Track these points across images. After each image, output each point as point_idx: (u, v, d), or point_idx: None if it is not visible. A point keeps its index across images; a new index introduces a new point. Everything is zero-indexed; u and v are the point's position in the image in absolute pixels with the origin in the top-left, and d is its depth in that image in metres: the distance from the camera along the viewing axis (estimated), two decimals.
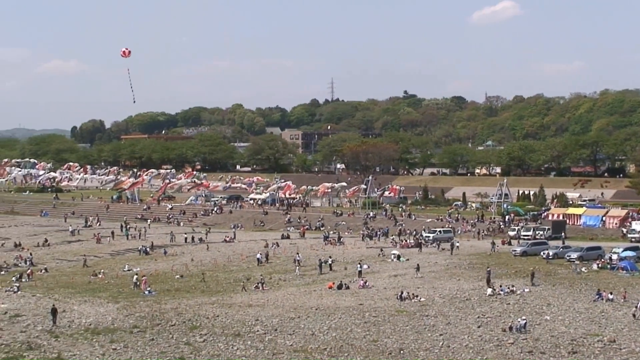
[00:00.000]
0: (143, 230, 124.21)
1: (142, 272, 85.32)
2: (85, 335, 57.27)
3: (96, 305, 68.39)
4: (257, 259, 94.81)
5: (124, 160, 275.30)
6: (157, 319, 61.40)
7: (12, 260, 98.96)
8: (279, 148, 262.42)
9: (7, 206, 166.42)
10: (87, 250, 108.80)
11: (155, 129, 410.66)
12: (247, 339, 55.12)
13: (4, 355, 52.52)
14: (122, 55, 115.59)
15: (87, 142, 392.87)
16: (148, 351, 52.96)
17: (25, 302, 70.35)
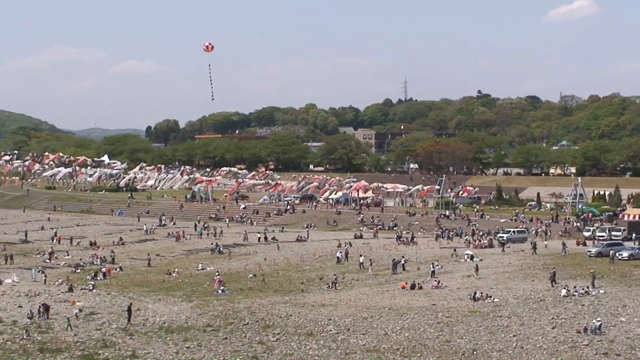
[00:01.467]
0: (219, 229, 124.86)
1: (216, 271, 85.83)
2: (159, 333, 57.78)
3: (170, 303, 68.93)
4: (337, 258, 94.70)
5: (198, 159, 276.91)
6: (230, 317, 61.70)
7: (88, 258, 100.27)
8: (352, 148, 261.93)
9: (83, 205, 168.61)
10: (161, 249, 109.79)
11: (228, 129, 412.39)
12: (320, 338, 55.18)
13: (79, 352, 53.21)
14: (204, 50, 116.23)
15: (162, 142, 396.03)
16: (221, 350, 53.26)
17: (100, 300, 71.13)
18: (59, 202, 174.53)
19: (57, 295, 73.59)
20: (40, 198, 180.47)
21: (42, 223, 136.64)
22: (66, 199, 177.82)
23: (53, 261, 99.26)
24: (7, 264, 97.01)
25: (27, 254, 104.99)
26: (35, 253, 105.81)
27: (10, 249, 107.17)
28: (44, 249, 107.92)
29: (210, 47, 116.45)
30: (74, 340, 56.36)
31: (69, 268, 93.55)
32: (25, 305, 68.98)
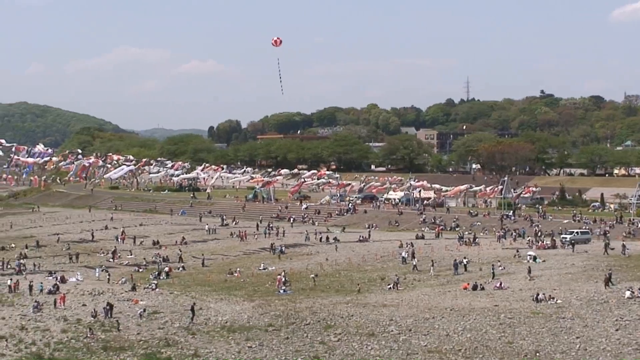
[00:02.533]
0: (282, 229, 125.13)
1: (277, 271, 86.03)
2: (222, 332, 58.09)
3: (232, 303, 69.23)
4: (402, 257, 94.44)
5: (260, 160, 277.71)
6: (292, 317, 61.80)
7: (151, 257, 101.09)
8: (414, 148, 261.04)
9: (146, 205, 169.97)
10: (223, 249, 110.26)
11: (290, 129, 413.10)
12: (382, 338, 55.12)
13: (142, 351, 53.69)
14: (273, 44, 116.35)
15: (224, 142, 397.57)
16: (283, 349, 53.43)
17: (163, 300, 71.65)
18: (122, 201, 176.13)
19: (121, 294, 74.29)
20: (104, 198, 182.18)
21: (106, 222, 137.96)
22: (129, 199, 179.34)
23: (116, 260, 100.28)
24: (72, 263, 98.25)
25: (91, 253, 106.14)
26: (99, 252, 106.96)
27: (75, 248, 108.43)
28: (107, 248, 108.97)
29: (278, 41, 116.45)
30: (137, 338, 56.93)
31: (132, 267, 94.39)
32: (89, 303, 69.75)
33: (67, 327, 61.04)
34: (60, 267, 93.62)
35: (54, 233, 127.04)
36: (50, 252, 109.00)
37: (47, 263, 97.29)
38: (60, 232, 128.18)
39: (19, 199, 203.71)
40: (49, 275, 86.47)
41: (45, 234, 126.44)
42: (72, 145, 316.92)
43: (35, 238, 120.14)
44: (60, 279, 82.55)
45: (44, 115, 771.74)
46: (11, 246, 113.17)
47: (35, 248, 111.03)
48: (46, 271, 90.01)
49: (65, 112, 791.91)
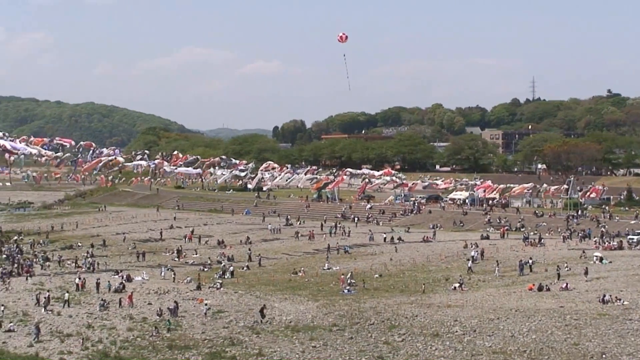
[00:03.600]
0: (347, 229, 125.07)
1: (342, 271, 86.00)
2: (286, 332, 58.21)
3: (296, 302, 69.39)
4: (472, 257, 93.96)
5: (324, 159, 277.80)
6: (356, 317, 61.81)
7: (216, 257, 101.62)
8: (478, 148, 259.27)
9: (211, 205, 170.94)
10: (288, 248, 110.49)
11: (355, 129, 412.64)
12: (446, 339, 54.85)
13: (207, 350, 53.96)
14: (338, 40, 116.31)
15: (288, 142, 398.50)
16: (347, 349, 53.37)
17: (227, 299, 72.06)
18: (187, 201, 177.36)
19: (186, 293, 74.91)
20: (170, 197, 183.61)
21: (171, 222, 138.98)
22: (194, 199, 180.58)
23: (181, 259, 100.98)
24: (138, 262, 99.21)
25: (156, 252, 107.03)
26: (165, 251, 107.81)
27: (141, 247, 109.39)
28: (173, 247, 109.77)
29: (344, 37, 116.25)
30: (201, 337, 57.26)
31: (197, 266, 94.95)
32: (154, 302, 70.39)
33: (133, 325, 61.65)
34: (126, 266, 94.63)
35: (119, 232, 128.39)
36: (116, 251, 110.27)
37: (113, 262, 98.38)
38: (126, 231, 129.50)
39: (86, 198, 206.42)
40: (115, 274, 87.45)
41: (111, 233, 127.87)
42: (138, 145, 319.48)
43: (102, 237, 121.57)
44: (126, 278, 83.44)
45: (111, 116, 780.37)
46: (78, 245, 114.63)
47: (101, 247, 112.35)
48: (112, 270, 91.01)
49: (131, 112, 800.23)
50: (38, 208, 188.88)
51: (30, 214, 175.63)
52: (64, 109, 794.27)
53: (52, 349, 55.74)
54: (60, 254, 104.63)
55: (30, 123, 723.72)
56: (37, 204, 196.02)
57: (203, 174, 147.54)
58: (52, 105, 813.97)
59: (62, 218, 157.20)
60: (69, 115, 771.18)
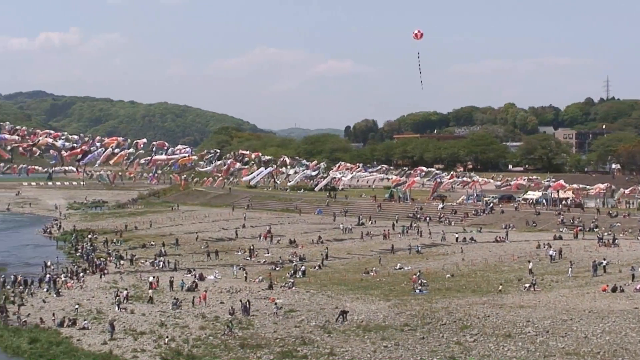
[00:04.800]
0: (420, 229, 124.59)
1: (414, 271, 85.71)
2: (357, 332, 58.28)
3: (368, 302, 69.40)
4: (550, 256, 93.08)
5: (396, 159, 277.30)
6: (427, 317, 61.65)
7: (288, 256, 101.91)
8: (551, 148, 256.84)
9: (283, 204, 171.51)
10: (359, 248, 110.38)
11: (427, 129, 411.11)
12: (518, 340, 54.49)
13: (279, 349, 54.19)
14: (413, 37, 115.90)
15: (360, 142, 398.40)
16: (419, 349, 53.28)
17: (299, 298, 72.33)
18: (259, 200, 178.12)
19: (257, 292, 75.31)
20: (242, 197, 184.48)
21: (244, 221, 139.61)
22: (266, 198, 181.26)
23: (253, 259, 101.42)
24: (211, 261, 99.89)
25: (228, 251, 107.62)
26: (237, 250, 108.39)
27: (213, 246, 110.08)
28: (245, 246, 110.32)
29: (419, 34, 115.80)
30: (273, 336, 57.55)
31: (269, 266, 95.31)
32: (226, 301, 70.89)
33: (205, 324, 62.18)
34: (199, 265, 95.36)
35: (192, 231, 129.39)
36: (189, 250, 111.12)
37: (186, 261, 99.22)
38: (198, 230, 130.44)
39: (159, 197, 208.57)
40: (187, 272, 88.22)
41: (184, 232, 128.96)
42: (211, 144, 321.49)
43: (175, 236, 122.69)
44: (198, 277, 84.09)
45: (184, 115, 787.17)
46: (151, 244, 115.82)
47: (174, 246, 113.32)
48: (185, 269, 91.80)
49: (204, 112, 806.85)
50: (112, 207, 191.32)
51: (105, 213, 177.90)
52: (138, 109, 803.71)
53: (126, 346, 56.45)
54: (134, 253, 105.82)
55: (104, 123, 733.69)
56: (111, 203, 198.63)
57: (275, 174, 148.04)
58: (126, 105, 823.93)
59: (135, 217, 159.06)
60: (143, 115, 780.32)
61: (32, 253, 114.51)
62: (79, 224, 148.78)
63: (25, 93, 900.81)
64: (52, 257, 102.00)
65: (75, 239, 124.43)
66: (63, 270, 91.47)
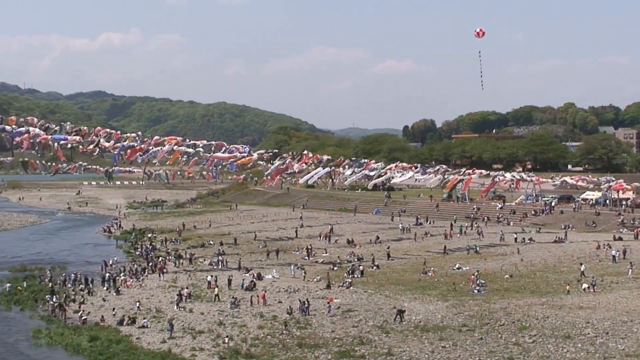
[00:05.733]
0: (480, 229, 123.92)
1: (472, 271, 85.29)
2: (415, 332, 58.20)
3: (426, 302, 69.27)
4: (613, 257, 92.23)
5: (455, 159, 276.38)
6: (486, 318, 61.42)
7: (345, 256, 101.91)
8: (612, 147, 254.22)
9: (340, 204, 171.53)
10: (417, 247, 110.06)
11: (485, 128, 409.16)
12: (578, 341, 54.10)
13: (336, 349, 54.30)
14: (475, 36, 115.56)
15: (418, 142, 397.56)
16: (477, 350, 53.09)
17: (357, 298, 72.40)
18: (316, 200, 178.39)
19: (315, 292, 75.44)
20: (300, 196, 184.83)
21: (302, 221, 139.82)
22: (324, 198, 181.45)
23: (311, 258, 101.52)
24: (269, 260, 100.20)
25: (286, 251, 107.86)
26: (295, 250, 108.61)
27: (271, 246, 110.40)
28: (303, 245, 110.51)
29: (481, 32, 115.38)
30: (331, 336, 57.65)
31: (326, 265, 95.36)
32: (284, 300, 71.13)
33: (264, 323, 62.47)
34: (257, 264, 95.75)
35: (250, 231, 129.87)
36: (247, 249, 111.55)
37: (244, 260, 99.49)
38: (256, 229, 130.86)
39: (218, 197, 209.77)
40: (245, 272, 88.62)
41: (242, 232, 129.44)
42: (269, 144, 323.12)
43: (233, 235, 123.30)
44: (256, 276, 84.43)
45: (242, 115, 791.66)
46: (209, 243, 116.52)
47: (232, 245, 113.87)
48: (243, 268, 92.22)
49: (262, 112, 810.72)
50: (171, 206, 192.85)
51: (164, 212, 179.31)
52: (197, 109, 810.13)
53: (184, 345, 56.94)
54: (193, 252, 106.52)
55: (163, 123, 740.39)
56: (170, 203, 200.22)
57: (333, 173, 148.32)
58: (185, 105, 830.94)
59: (194, 216, 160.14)
60: (202, 114, 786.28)
61: (92, 252, 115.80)
62: (138, 223, 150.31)
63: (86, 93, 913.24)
64: (112, 256, 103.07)
65: (135, 238, 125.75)
66: (122, 269, 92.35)
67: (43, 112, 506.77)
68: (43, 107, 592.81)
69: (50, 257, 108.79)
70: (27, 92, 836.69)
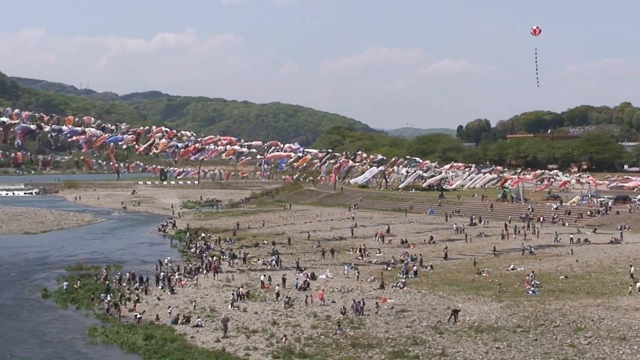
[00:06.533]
0: (535, 230, 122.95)
1: (526, 272, 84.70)
2: (469, 332, 58.00)
3: (480, 303, 68.96)
4: None
5: (509, 159, 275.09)
6: (540, 319, 61.06)
7: (399, 256, 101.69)
8: None
9: (394, 204, 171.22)
10: (472, 248, 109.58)
11: (540, 128, 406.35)
12: (634, 343, 53.66)
13: (390, 349, 54.24)
14: (531, 33, 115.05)
15: (473, 142, 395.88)
16: (531, 351, 52.81)
17: (411, 298, 72.27)
18: (370, 200, 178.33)
19: (369, 292, 75.40)
20: (354, 196, 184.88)
21: (356, 221, 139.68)
22: (378, 198, 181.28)
23: (365, 258, 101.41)
24: (324, 260, 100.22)
25: (340, 251, 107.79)
26: (348, 250, 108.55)
27: (325, 246, 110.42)
28: (356, 245, 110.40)
29: (537, 30, 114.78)
30: (385, 336, 57.59)
31: (380, 265, 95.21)
32: (338, 300, 71.17)
33: (317, 323, 62.55)
34: (310, 264, 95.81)
35: (304, 230, 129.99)
36: (301, 249, 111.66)
37: (298, 260, 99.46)
38: (310, 229, 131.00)
39: (273, 196, 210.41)
40: (299, 272, 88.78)
41: (296, 232, 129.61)
42: (323, 144, 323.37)
43: (287, 235, 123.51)
44: (310, 276, 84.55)
45: (296, 115, 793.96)
46: (263, 243, 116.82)
47: (286, 245, 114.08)
48: (297, 268, 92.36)
49: (316, 112, 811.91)
50: (225, 206, 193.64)
51: (218, 212, 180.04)
52: (251, 109, 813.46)
53: (238, 344, 57.17)
54: (247, 252, 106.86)
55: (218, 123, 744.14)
56: (225, 202, 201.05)
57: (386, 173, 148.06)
58: (240, 105, 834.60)
59: (248, 216, 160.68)
60: (256, 114, 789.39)
61: (147, 251, 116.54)
62: (192, 222, 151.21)
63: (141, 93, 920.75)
64: (167, 255, 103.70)
65: (189, 238, 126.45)
66: (176, 268, 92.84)
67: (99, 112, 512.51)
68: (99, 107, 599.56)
69: (106, 256, 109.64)
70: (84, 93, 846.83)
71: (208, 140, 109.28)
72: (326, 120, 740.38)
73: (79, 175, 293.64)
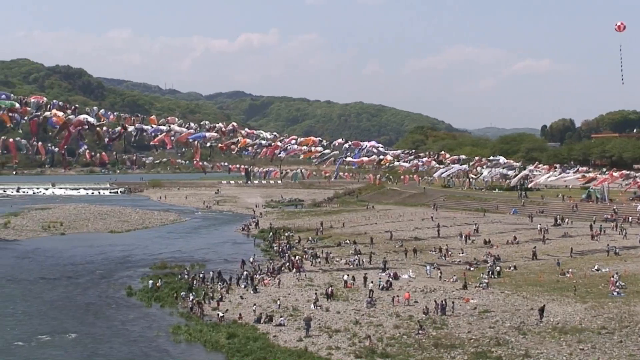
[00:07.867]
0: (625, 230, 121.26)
1: (611, 273, 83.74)
2: (553, 334, 57.58)
3: (564, 304, 68.34)
4: None
5: (594, 159, 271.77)
6: (625, 320, 60.36)
7: (482, 256, 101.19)
8: None
9: (477, 204, 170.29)
10: (554, 249, 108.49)
11: (626, 128, 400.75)
12: None
13: (472, 349, 54.10)
14: (616, 30, 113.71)
15: (557, 141, 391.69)
16: (616, 353, 52.27)
17: (494, 299, 71.90)
18: (453, 200, 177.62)
19: (452, 292, 75.18)
20: (437, 196, 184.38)
21: (439, 220, 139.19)
22: (461, 198, 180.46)
23: (447, 258, 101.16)
24: (407, 260, 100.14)
25: (422, 251, 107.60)
26: (431, 250, 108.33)
27: (407, 245, 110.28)
28: (439, 245, 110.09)
29: (622, 26, 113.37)
30: (467, 337, 57.46)
31: (463, 265, 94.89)
32: (420, 300, 71.11)
33: (400, 323, 62.62)
34: (393, 264, 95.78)
35: (386, 230, 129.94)
36: (383, 249, 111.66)
37: (380, 260, 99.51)
38: (392, 229, 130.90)
39: (357, 196, 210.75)
40: (381, 271, 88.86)
41: (378, 231, 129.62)
42: (406, 144, 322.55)
43: (369, 235, 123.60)
44: (393, 276, 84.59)
45: (379, 115, 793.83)
46: (346, 242, 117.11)
47: (368, 244, 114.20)
48: (379, 267, 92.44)
49: (399, 112, 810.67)
50: (308, 206, 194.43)
51: (301, 211, 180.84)
52: (334, 109, 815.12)
53: (321, 344, 57.41)
54: (329, 251, 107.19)
55: (301, 122, 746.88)
56: (307, 202, 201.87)
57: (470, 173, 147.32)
58: (323, 104, 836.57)
59: (330, 216, 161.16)
60: (339, 114, 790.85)
61: (231, 250, 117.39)
62: (275, 222, 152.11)
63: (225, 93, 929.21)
64: (250, 255, 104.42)
65: (272, 237, 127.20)
66: (259, 267, 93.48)
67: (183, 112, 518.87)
68: (183, 107, 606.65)
69: (190, 255, 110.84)
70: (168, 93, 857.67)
71: (289, 140, 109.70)
72: (409, 120, 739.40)
73: (163, 175, 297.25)
